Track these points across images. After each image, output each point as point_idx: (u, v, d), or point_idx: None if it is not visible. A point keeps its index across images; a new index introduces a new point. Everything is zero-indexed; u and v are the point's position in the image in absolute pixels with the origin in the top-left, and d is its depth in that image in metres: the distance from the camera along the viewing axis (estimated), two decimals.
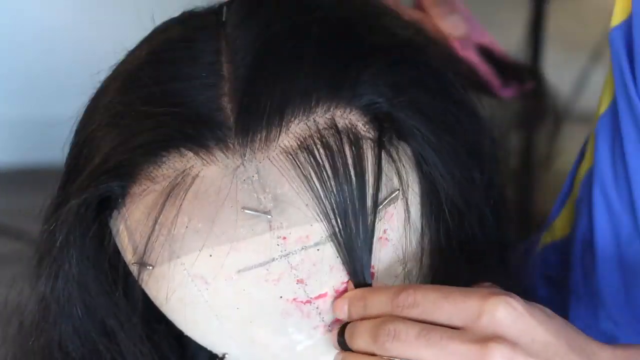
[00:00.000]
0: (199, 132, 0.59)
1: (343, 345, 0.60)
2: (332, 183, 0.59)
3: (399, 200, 0.61)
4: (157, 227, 0.60)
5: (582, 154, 0.72)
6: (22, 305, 0.70)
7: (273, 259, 0.59)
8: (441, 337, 0.56)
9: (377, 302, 0.59)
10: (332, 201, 0.59)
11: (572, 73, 1.64)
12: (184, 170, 0.60)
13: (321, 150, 0.59)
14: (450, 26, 0.85)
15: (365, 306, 0.59)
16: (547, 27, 1.52)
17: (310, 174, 0.59)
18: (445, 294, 0.57)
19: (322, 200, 0.59)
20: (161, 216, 0.60)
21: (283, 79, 0.60)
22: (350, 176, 0.59)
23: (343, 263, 0.60)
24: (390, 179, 0.60)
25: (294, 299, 0.60)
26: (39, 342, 0.68)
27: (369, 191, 0.59)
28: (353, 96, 0.60)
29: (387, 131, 0.61)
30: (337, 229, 0.59)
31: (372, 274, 0.61)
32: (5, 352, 0.73)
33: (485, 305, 0.55)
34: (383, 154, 0.60)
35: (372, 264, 0.60)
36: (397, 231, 0.61)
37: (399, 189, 0.61)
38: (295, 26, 0.63)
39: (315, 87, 0.60)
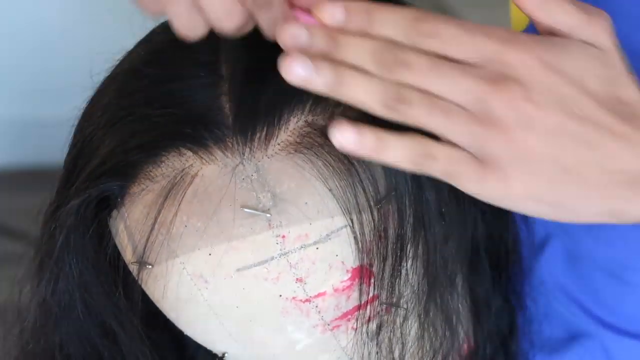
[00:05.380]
0: (197, 131, 0.59)
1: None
2: (334, 180, 0.59)
3: (399, 199, 0.61)
4: (156, 226, 0.60)
5: None
6: (22, 307, 0.70)
7: (272, 258, 0.59)
8: (453, 70, 0.53)
9: (387, 21, 0.54)
10: (334, 198, 0.59)
11: None
12: (183, 170, 0.60)
13: (321, 148, 0.59)
14: None
15: (369, 20, 0.54)
16: None
17: (310, 172, 0.59)
18: (467, 29, 0.53)
19: (323, 198, 0.59)
20: (160, 215, 0.60)
21: (281, 77, 0.60)
22: (352, 172, 0.59)
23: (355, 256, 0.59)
24: (390, 176, 0.61)
25: (293, 298, 0.60)
26: (40, 344, 0.69)
27: (372, 186, 0.59)
28: None
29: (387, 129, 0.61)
30: (340, 226, 0.59)
31: (371, 273, 0.61)
32: (6, 355, 0.73)
33: (507, 46, 0.53)
34: None
35: (371, 262, 0.60)
36: (394, 229, 0.61)
37: (397, 188, 0.61)
38: None
39: None
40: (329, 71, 0.54)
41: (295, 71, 0.54)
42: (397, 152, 0.54)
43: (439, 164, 0.54)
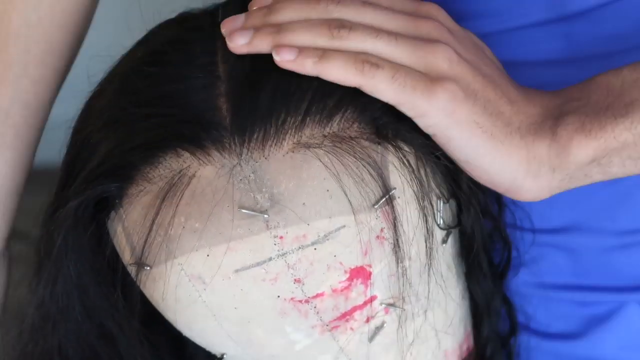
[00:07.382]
0: (195, 132, 0.60)
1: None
2: (331, 180, 0.59)
3: (396, 200, 0.61)
4: (154, 227, 0.60)
5: None
6: (22, 309, 0.70)
7: (270, 259, 0.59)
8: (379, 10, 0.59)
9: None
10: (332, 198, 0.59)
11: None
12: (180, 171, 0.60)
13: (319, 148, 0.59)
14: None
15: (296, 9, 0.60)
16: None
17: (308, 173, 0.59)
18: None
19: (321, 198, 0.59)
20: (158, 216, 0.60)
21: (279, 78, 0.60)
22: (349, 173, 0.59)
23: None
24: (387, 177, 0.61)
25: (292, 299, 0.60)
26: (38, 346, 0.69)
27: (369, 189, 0.59)
28: (348, 94, 0.60)
29: (385, 130, 0.61)
30: (337, 227, 0.59)
31: (369, 273, 0.61)
32: (6, 356, 0.73)
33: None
34: (379, 151, 0.60)
35: (369, 262, 0.60)
36: (393, 229, 0.61)
37: (395, 188, 0.61)
38: None
39: (311, 86, 0.60)
40: (270, 27, 0.59)
41: (238, 41, 0.60)
42: (341, 62, 0.57)
43: (385, 72, 0.57)
